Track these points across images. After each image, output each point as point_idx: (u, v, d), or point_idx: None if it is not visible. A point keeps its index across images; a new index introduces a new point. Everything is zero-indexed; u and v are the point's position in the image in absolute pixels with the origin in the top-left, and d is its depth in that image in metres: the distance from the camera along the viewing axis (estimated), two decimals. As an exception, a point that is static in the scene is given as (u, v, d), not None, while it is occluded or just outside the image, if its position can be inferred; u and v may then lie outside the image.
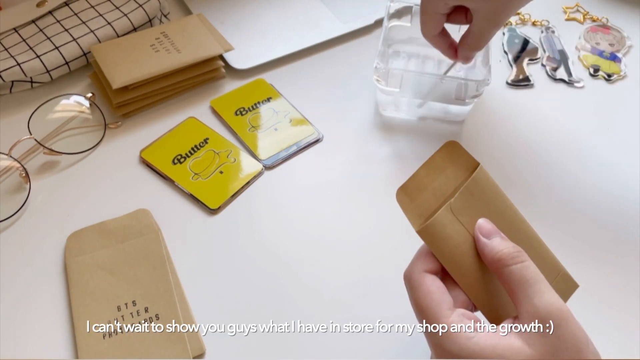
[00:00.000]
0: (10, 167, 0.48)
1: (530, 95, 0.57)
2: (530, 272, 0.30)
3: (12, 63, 0.52)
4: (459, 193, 0.33)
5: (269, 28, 0.61)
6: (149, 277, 0.42)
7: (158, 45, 0.54)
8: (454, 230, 0.32)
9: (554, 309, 0.29)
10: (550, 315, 0.29)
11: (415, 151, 0.52)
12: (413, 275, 0.32)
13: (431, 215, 0.33)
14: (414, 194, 0.34)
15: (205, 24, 0.58)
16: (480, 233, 0.32)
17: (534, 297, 0.29)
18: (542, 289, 0.30)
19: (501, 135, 0.53)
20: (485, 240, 0.32)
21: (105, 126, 0.52)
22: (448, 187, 0.34)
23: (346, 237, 0.46)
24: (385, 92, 0.52)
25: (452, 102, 0.51)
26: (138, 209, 0.46)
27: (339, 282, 0.43)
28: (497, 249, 0.31)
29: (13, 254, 0.44)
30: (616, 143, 0.53)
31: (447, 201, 0.33)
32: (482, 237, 0.32)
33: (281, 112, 0.54)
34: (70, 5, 0.57)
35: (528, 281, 0.30)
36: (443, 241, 0.32)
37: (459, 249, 0.32)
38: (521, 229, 0.34)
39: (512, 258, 0.31)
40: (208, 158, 0.50)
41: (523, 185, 0.50)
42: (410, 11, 0.55)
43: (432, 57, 0.57)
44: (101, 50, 0.53)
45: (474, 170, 0.34)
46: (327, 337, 0.40)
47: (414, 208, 0.33)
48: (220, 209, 0.47)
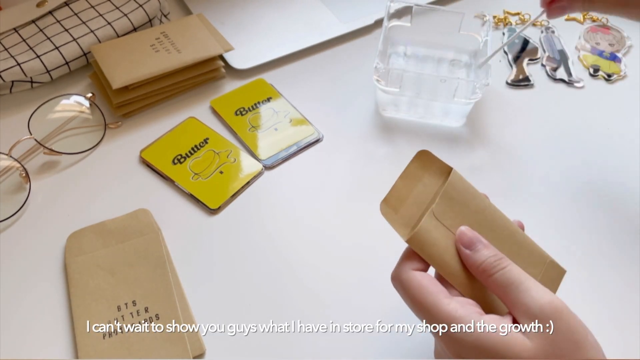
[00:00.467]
0: (11, 167, 0.48)
1: (530, 95, 0.57)
2: (514, 275, 0.31)
3: (12, 63, 0.52)
4: (439, 198, 0.34)
5: (269, 28, 0.62)
6: (149, 277, 0.42)
7: (158, 45, 0.54)
8: (441, 234, 0.33)
9: (545, 303, 0.29)
10: (543, 310, 0.29)
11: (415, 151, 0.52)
12: (401, 275, 0.32)
13: (416, 223, 0.34)
14: (396, 205, 0.35)
15: (205, 24, 0.58)
16: (461, 244, 0.33)
17: (522, 297, 0.30)
18: (528, 287, 0.30)
19: (501, 135, 0.53)
20: (467, 252, 0.32)
21: (105, 126, 0.52)
22: (427, 194, 0.35)
23: (346, 237, 0.46)
24: (385, 92, 0.52)
25: (452, 102, 0.51)
26: (138, 209, 0.46)
27: (338, 281, 0.43)
28: (479, 262, 0.32)
29: (13, 254, 0.44)
30: (616, 143, 0.53)
31: (428, 207, 0.34)
32: (463, 249, 0.33)
33: (281, 112, 0.54)
34: (70, 6, 0.57)
35: (513, 283, 0.30)
36: (432, 247, 0.32)
37: (448, 251, 0.33)
38: (502, 225, 0.35)
39: (493, 267, 0.31)
40: (208, 158, 0.50)
41: (523, 185, 0.50)
42: (410, 11, 0.55)
43: (432, 57, 0.57)
44: (101, 51, 0.53)
45: (448, 174, 0.35)
46: (327, 337, 0.40)
47: (399, 219, 0.34)
48: (220, 209, 0.47)
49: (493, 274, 0.31)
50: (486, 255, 0.32)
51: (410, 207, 0.35)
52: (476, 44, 0.55)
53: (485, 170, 0.51)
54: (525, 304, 0.30)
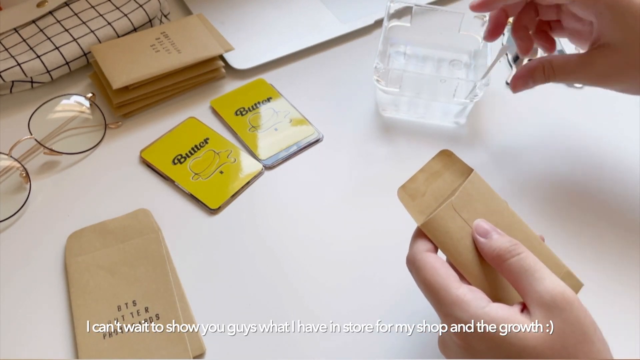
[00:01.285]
0: (11, 167, 0.48)
1: (530, 95, 0.57)
2: (529, 262, 0.31)
3: (13, 63, 0.52)
4: (459, 192, 0.34)
5: (269, 28, 0.62)
6: (149, 277, 0.42)
7: (158, 46, 0.54)
8: (456, 225, 0.33)
9: (557, 293, 0.29)
10: (554, 299, 0.29)
11: (415, 151, 0.52)
12: (417, 256, 0.33)
13: (432, 212, 0.34)
14: (414, 194, 0.35)
15: (205, 24, 0.58)
16: (477, 233, 0.33)
17: (536, 285, 0.30)
18: (542, 276, 0.30)
19: (501, 135, 0.53)
20: (482, 240, 0.33)
21: (106, 126, 0.52)
22: (445, 190, 0.36)
23: (346, 237, 0.46)
24: (385, 92, 0.52)
25: (452, 102, 0.51)
26: (138, 209, 0.46)
27: (338, 281, 0.43)
28: (494, 246, 0.32)
29: (13, 254, 0.44)
30: (616, 143, 0.53)
31: (446, 201, 0.34)
32: (479, 237, 0.33)
33: (281, 112, 0.54)
34: (70, 6, 0.57)
35: (527, 270, 0.31)
36: (447, 234, 0.33)
37: (462, 242, 0.33)
38: (520, 229, 0.35)
39: (509, 252, 0.31)
40: (208, 158, 0.50)
41: (523, 185, 0.50)
42: (410, 11, 0.55)
43: (431, 57, 0.57)
44: (101, 51, 0.53)
45: (468, 175, 0.36)
46: (327, 337, 0.40)
47: (416, 206, 0.35)
48: (221, 208, 0.47)
49: (508, 259, 0.31)
50: (502, 241, 0.32)
51: (428, 198, 0.35)
52: (476, 44, 0.56)
53: (485, 170, 0.50)
54: (538, 292, 0.30)
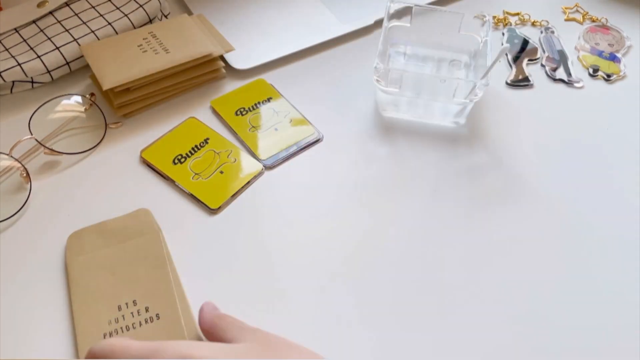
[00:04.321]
0: (11, 167, 0.48)
1: (530, 96, 0.58)
2: None
3: (13, 63, 0.52)
4: None
5: (269, 28, 0.62)
6: (149, 276, 0.42)
7: (145, 45, 0.53)
8: None
9: None
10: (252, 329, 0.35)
11: (415, 151, 0.52)
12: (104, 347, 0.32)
13: None
14: None
15: (205, 24, 0.58)
16: None
17: None
18: None
19: (501, 135, 0.54)
20: None
21: (106, 126, 0.52)
22: None
23: (346, 237, 0.46)
24: (385, 92, 0.52)
25: (452, 102, 0.51)
26: (138, 208, 0.46)
27: (338, 282, 0.43)
28: None
29: (13, 254, 0.44)
30: (616, 143, 0.53)
31: None
32: None
33: (281, 112, 0.54)
34: (70, 6, 0.57)
35: None
36: None
37: None
38: None
39: None
40: (208, 158, 0.50)
41: (522, 185, 0.50)
42: (410, 11, 0.56)
43: (431, 57, 0.57)
44: (90, 50, 0.52)
45: None
46: (327, 337, 0.40)
47: None
48: (221, 208, 0.47)
49: None
50: None
51: None
52: (476, 44, 0.56)
53: (485, 170, 0.51)
54: None
